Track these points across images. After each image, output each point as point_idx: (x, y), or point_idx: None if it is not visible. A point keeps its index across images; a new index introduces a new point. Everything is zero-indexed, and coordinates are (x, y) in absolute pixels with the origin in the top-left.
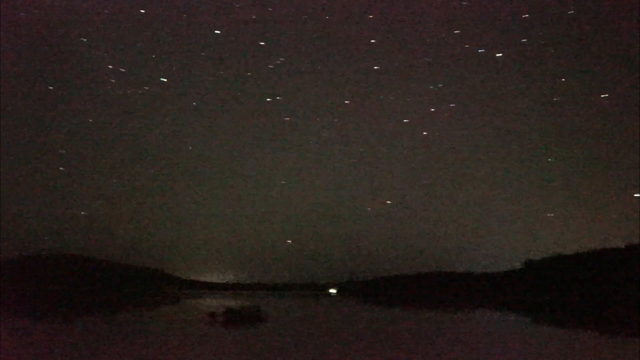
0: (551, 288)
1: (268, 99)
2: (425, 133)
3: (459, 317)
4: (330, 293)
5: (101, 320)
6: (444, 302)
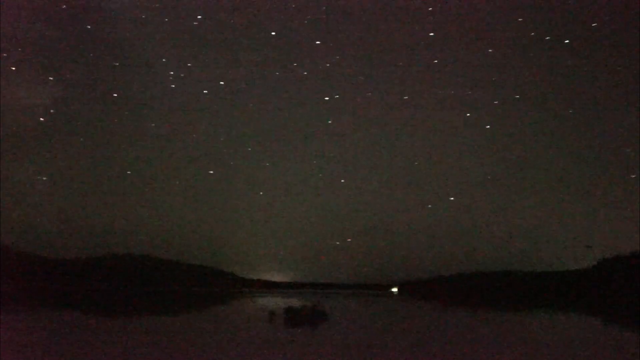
0: (621, 288)
1: (326, 98)
2: (488, 127)
3: (520, 317)
4: (392, 292)
5: (161, 320)
6: (505, 301)
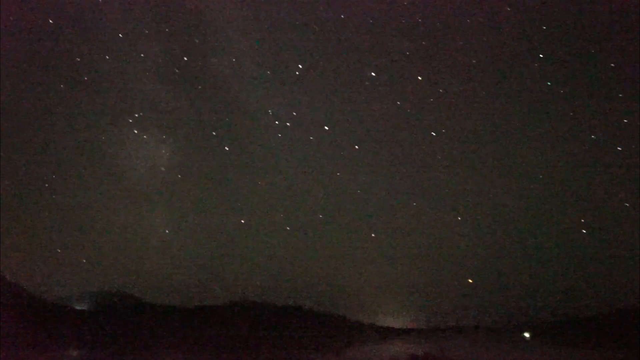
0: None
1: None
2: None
3: None
4: (524, 337)
5: None
6: None
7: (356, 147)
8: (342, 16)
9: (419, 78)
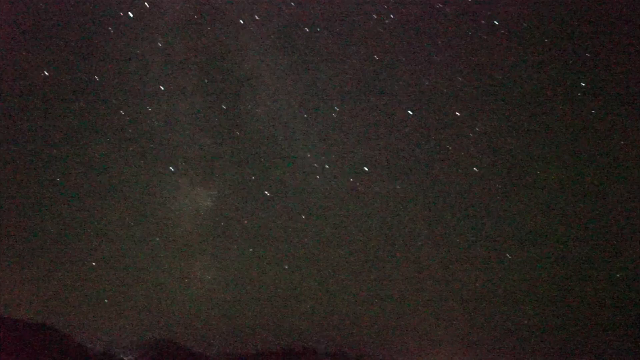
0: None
1: None
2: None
3: None
4: None
5: None
6: None
7: (397, 186)
8: (376, 57)
9: (457, 114)
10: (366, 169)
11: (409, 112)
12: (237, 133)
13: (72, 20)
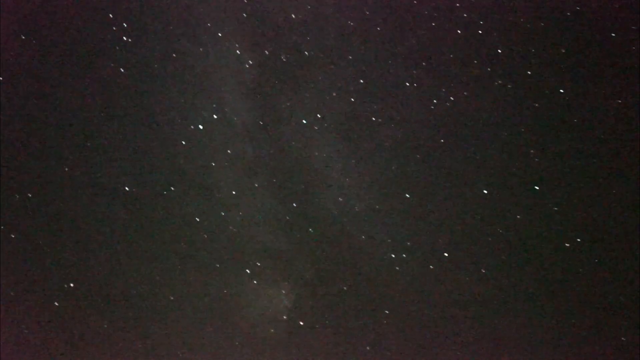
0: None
1: None
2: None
3: None
4: None
5: None
6: None
7: (483, 270)
8: (442, 140)
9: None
10: (446, 254)
11: (484, 191)
12: (311, 230)
13: (152, 145)
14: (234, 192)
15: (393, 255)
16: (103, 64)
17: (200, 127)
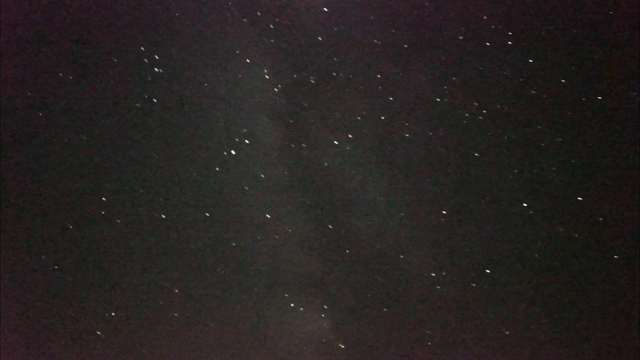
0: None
1: None
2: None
3: None
4: None
5: None
6: None
7: (526, 287)
8: (476, 154)
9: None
10: (488, 271)
11: (524, 204)
12: (347, 252)
13: (187, 172)
14: (268, 216)
15: (433, 274)
16: (135, 94)
17: (233, 152)
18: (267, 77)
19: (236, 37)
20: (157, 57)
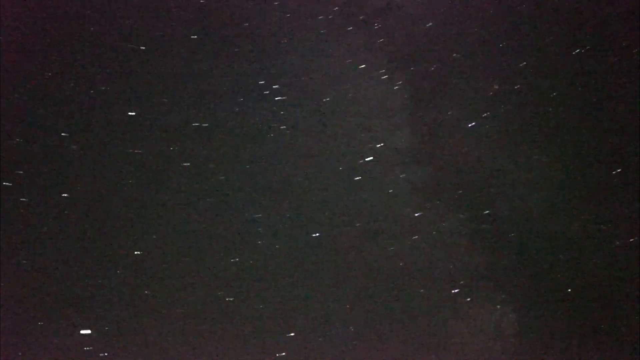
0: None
1: None
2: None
3: None
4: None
5: None
6: None
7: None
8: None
9: None
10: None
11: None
12: (504, 243)
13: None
14: (416, 215)
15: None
16: (256, 118)
17: (370, 158)
18: (386, 76)
19: (347, 47)
20: (276, 87)
